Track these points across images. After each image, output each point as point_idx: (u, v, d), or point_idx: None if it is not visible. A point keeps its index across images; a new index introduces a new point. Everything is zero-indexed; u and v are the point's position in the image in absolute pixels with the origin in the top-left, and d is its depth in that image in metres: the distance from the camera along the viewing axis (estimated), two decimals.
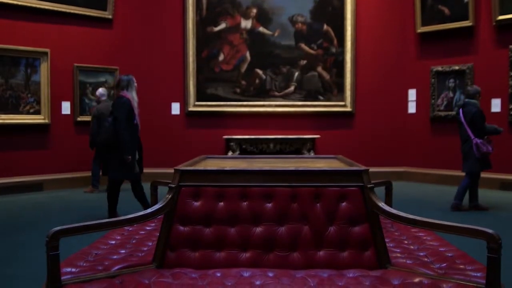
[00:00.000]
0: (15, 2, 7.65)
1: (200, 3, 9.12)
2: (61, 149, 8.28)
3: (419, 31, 8.86)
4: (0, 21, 7.62)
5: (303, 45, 9.18)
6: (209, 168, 3.33)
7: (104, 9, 8.66)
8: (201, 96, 9.18)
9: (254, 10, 9.19)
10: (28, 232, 5.12)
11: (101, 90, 7.95)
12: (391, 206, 3.78)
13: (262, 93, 9.22)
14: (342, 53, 9.15)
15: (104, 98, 7.89)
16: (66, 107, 8.38)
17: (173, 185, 3.10)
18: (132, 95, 5.50)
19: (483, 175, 8.19)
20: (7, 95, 7.72)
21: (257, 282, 2.67)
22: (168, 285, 2.66)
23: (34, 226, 5.41)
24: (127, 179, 5.65)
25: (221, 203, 3.09)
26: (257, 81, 9.22)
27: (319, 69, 9.20)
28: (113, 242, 3.71)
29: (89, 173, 8.00)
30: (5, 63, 7.67)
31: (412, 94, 9.16)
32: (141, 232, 4.07)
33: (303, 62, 9.18)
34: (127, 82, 5.54)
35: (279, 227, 3.04)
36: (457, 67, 8.49)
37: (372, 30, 9.18)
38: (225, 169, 3.24)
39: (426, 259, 3.15)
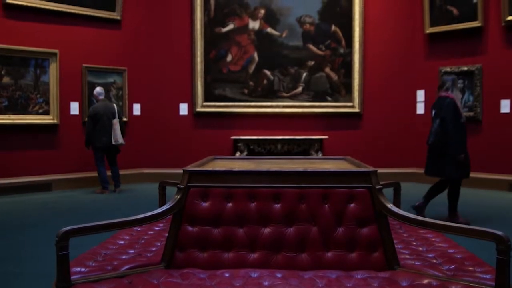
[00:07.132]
0: (24, 3, 7.71)
1: (208, 4, 9.14)
2: (69, 149, 8.33)
3: (427, 31, 8.82)
4: (9, 22, 7.68)
5: (311, 46, 9.17)
6: (217, 169, 3.34)
7: (113, 10, 8.70)
8: (209, 96, 9.20)
9: (262, 11, 9.19)
10: (37, 231, 5.16)
11: (98, 89, 8.00)
12: (399, 207, 3.77)
13: (270, 94, 9.22)
14: (350, 53, 9.13)
15: (101, 97, 7.94)
16: (74, 108, 8.43)
17: (181, 186, 3.11)
18: (456, 95, 5.61)
19: (491, 176, 8.18)
20: (16, 95, 7.78)
21: (265, 283, 2.68)
22: (177, 285, 2.67)
23: (42, 226, 5.44)
24: (464, 178, 5.58)
25: (229, 204, 3.10)
26: (265, 81, 9.22)
27: (327, 69, 9.18)
28: (122, 242, 3.73)
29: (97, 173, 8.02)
30: (14, 64, 7.73)
31: (420, 95, 9.11)
32: (149, 233, 4.09)
33: (311, 62, 9.17)
34: (452, 82, 5.65)
35: (287, 228, 3.04)
36: (465, 68, 8.44)
37: (380, 31, 9.15)
38: (233, 170, 3.25)
39: (434, 261, 3.14)
